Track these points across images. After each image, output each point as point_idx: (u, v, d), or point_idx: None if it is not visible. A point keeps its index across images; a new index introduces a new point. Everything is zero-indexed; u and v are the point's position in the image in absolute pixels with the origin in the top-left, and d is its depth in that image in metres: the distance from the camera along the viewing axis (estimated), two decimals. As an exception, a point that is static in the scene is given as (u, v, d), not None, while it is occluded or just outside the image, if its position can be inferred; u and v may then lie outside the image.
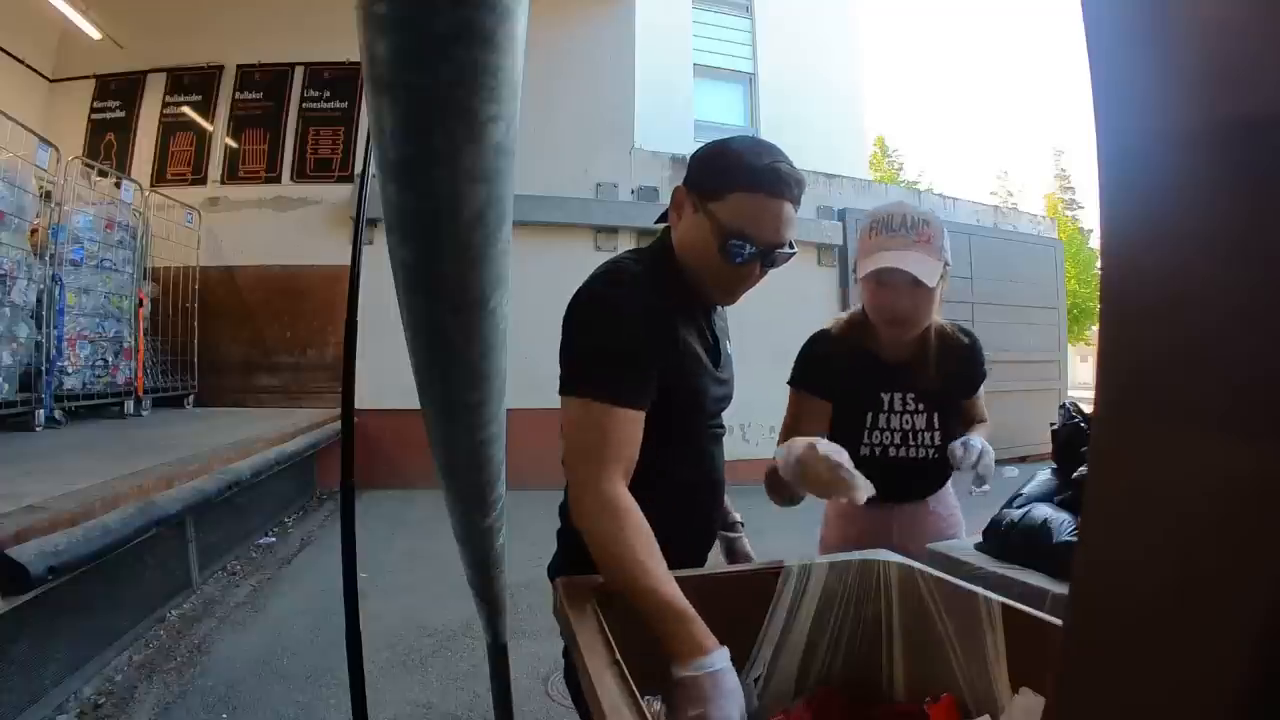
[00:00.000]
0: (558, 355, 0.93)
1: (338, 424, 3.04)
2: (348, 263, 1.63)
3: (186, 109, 5.67)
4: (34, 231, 3.86)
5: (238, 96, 5.72)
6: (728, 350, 1.07)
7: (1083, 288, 15.30)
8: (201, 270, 5.34)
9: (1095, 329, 1.09)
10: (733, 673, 0.71)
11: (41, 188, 3.95)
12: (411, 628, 2.75)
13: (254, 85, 5.74)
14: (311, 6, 5.37)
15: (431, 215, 0.40)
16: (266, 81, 5.73)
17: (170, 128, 5.66)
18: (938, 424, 1.28)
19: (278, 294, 5.50)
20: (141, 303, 4.69)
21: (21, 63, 5.29)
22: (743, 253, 0.90)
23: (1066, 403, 1.36)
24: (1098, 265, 0.49)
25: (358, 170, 5.22)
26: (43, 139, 3.88)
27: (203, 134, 5.67)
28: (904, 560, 0.95)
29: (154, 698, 2.19)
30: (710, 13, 7.91)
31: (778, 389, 1.36)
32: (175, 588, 2.95)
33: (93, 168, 4.64)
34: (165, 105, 5.67)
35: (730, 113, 7.76)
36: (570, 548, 0.96)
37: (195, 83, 5.71)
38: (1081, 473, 1.17)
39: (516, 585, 1.83)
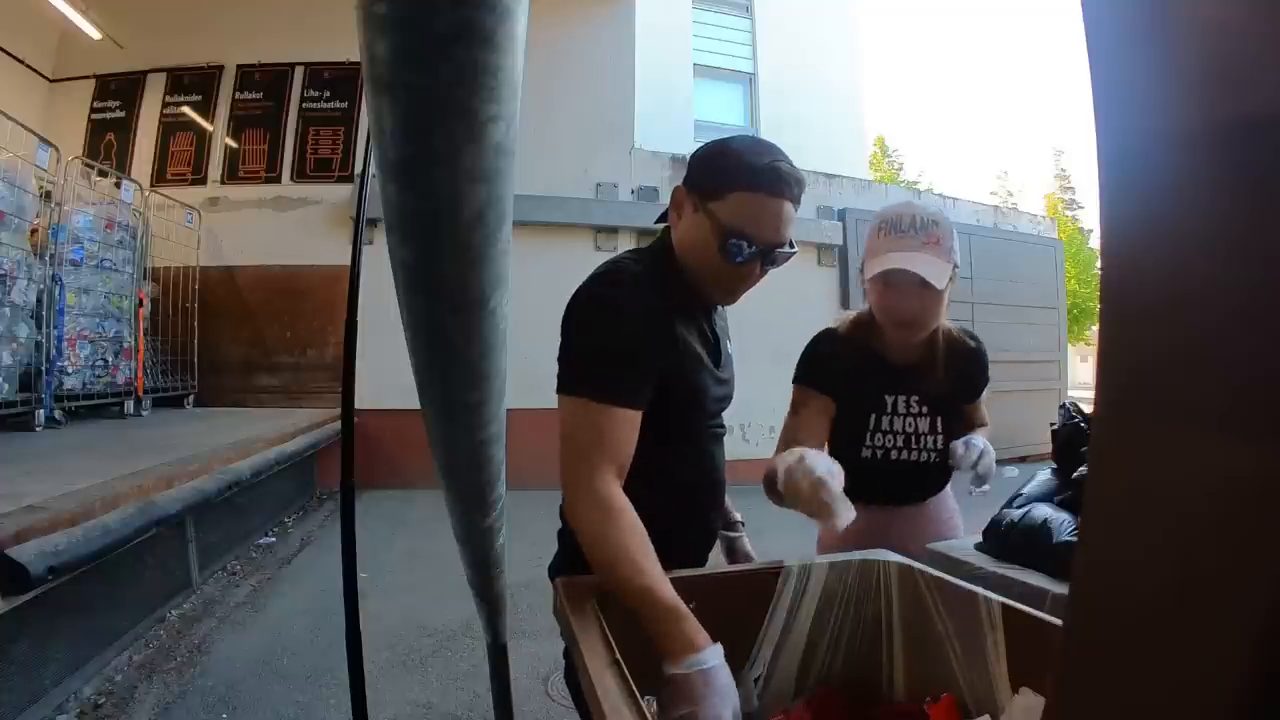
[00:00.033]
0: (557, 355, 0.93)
1: (338, 424, 3.04)
2: (348, 263, 1.63)
3: (186, 109, 5.67)
4: (34, 231, 3.86)
5: (238, 96, 5.72)
6: (728, 350, 1.07)
7: (1083, 288, 15.29)
8: (201, 270, 5.34)
9: (1095, 329, 1.09)
10: (726, 670, 0.70)
11: (41, 188, 3.95)
12: (411, 628, 2.75)
13: (254, 85, 5.74)
14: (311, 6, 5.37)
15: (431, 215, 0.40)
16: (266, 81, 5.73)
17: (170, 128, 5.66)
18: (940, 427, 1.28)
19: (278, 294, 5.50)
20: (141, 303, 4.69)
21: (21, 63, 5.29)
22: (743, 252, 0.90)
23: (1066, 403, 1.36)
24: (1098, 265, 0.49)
25: (358, 170, 5.22)
26: (43, 139, 3.88)
27: (203, 134, 5.67)
28: (904, 560, 0.95)
29: (154, 698, 2.18)
30: (710, 13, 7.91)
31: (778, 389, 1.36)
32: (175, 588, 2.95)
33: (93, 168, 4.64)
34: (165, 105, 5.67)
35: (730, 113, 7.76)
36: (571, 548, 0.96)
37: (195, 83, 5.71)
38: (1081, 473, 1.17)
39: (516, 585, 1.83)
